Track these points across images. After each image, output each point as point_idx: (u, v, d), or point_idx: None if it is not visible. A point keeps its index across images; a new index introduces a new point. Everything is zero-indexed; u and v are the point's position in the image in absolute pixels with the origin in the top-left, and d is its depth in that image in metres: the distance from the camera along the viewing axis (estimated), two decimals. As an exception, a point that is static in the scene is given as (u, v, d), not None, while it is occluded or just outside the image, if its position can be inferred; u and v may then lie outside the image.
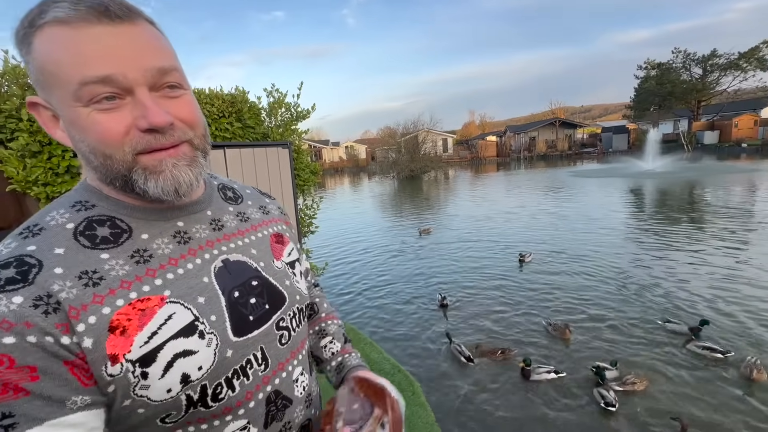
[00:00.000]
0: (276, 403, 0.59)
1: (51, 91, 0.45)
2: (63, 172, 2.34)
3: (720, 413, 2.63)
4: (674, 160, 21.88)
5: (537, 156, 38.09)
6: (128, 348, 0.44)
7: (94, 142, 0.46)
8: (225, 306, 0.53)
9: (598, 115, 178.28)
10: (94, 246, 0.47)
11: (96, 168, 0.48)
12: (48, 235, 0.46)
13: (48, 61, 0.43)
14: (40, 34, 0.43)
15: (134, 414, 0.46)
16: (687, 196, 11.40)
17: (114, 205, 0.51)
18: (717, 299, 4.37)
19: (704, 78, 34.70)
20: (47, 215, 0.49)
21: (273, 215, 0.73)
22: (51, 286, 0.42)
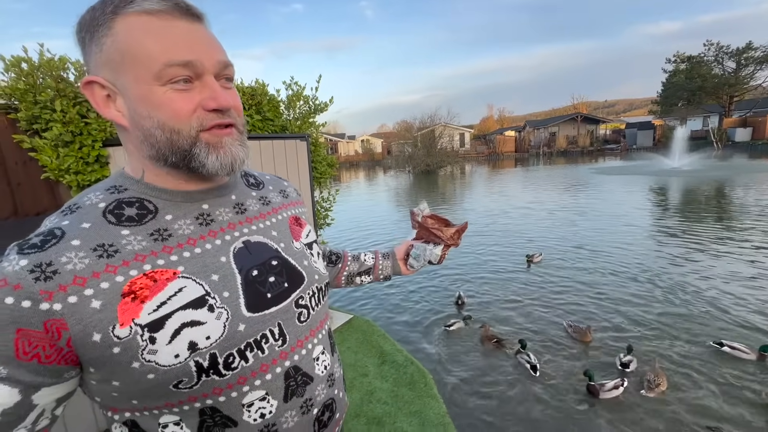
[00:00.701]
0: (296, 378, 0.61)
1: (125, 70, 0.50)
2: (93, 161, 2.44)
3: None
4: (702, 157, 21.04)
5: (557, 152, 37.25)
6: (137, 314, 0.48)
7: (166, 117, 0.51)
8: (240, 284, 0.57)
9: (623, 111, 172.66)
10: (118, 223, 0.52)
11: (156, 143, 0.52)
12: (81, 213, 0.52)
13: (132, 43, 0.49)
14: (124, 20, 0.49)
15: (144, 379, 0.49)
16: (715, 196, 10.97)
17: (145, 188, 0.56)
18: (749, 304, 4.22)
19: (738, 72, 33.05)
20: (85, 196, 0.55)
21: (291, 198, 0.77)
22: (59, 258, 0.47)
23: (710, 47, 34.13)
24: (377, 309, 4.77)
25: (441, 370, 3.26)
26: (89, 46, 0.51)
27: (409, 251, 1.02)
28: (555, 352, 3.50)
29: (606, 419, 2.62)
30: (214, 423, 0.55)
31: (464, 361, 3.39)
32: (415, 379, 2.69)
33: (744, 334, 3.59)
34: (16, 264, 0.45)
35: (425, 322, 4.28)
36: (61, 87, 2.29)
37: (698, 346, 3.43)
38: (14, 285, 0.44)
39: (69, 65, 2.40)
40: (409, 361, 2.92)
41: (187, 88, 0.51)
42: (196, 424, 0.55)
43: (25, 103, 2.25)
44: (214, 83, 0.53)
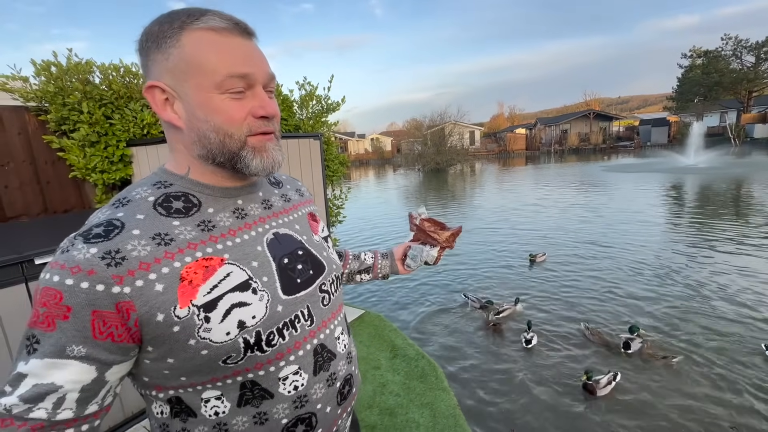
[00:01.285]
0: (322, 354, 0.69)
1: (189, 78, 0.56)
2: (117, 161, 2.55)
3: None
4: (719, 154, 20.55)
5: (569, 149, 36.78)
6: (194, 295, 0.55)
7: (221, 122, 0.58)
8: (275, 270, 0.64)
9: (637, 107, 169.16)
10: (168, 215, 0.58)
11: (209, 144, 0.59)
12: (133, 205, 0.57)
13: (198, 55, 0.56)
14: (191, 34, 0.56)
15: (198, 356, 0.55)
16: (733, 195, 10.74)
17: (189, 183, 0.62)
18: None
19: (757, 66, 32.19)
20: (133, 191, 0.60)
21: (306, 197, 0.85)
22: (125, 246, 0.52)
23: (728, 41, 33.29)
24: (388, 304, 4.83)
25: (451, 363, 3.31)
26: (154, 54, 0.58)
27: (406, 252, 1.08)
28: (564, 345, 3.52)
29: (607, 412, 2.64)
30: (253, 396, 0.62)
31: (473, 354, 3.44)
32: (426, 372, 2.74)
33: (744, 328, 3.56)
34: (87, 252, 0.50)
35: (434, 317, 4.33)
36: (88, 89, 2.40)
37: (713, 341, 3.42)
38: (88, 270, 0.49)
39: (95, 68, 2.50)
40: (420, 355, 2.97)
41: (241, 97, 0.58)
42: (236, 397, 0.61)
43: (55, 105, 2.37)
44: (263, 93, 0.60)
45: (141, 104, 2.59)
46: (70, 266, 0.49)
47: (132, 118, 2.54)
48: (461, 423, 2.26)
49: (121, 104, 2.54)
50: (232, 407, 0.61)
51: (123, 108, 2.54)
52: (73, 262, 0.49)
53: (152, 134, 2.64)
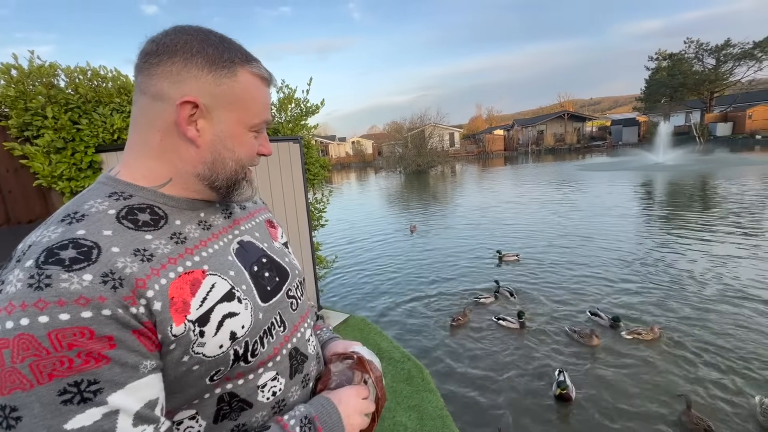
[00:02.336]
0: (297, 358, 0.70)
1: (233, 110, 0.60)
2: (86, 167, 2.44)
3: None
4: (686, 152, 21.53)
5: (545, 149, 37.73)
6: (188, 310, 0.53)
7: (243, 155, 0.63)
8: (249, 278, 0.64)
9: (608, 108, 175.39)
10: (137, 228, 0.54)
11: (222, 169, 0.62)
12: (92, 220, 0.51)
13: (248, 96, 0.61)
14: (246, 73, 0.60)
15: (189, 373, 0.54)
16: (699, 190, 11.26)
17: (152, 195, 0.58)
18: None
19: (717, 68, 33.88)
20: (84, 204, 0.54)
21: (259, 205, 0.84)
22: (115, 264, 0.48)
23: (690, 44, 34.92)
24: (371, 306, 4.81)
25: (437, 363, 3.32)
26: (200, 72, 0.56)
27: (332, 359, 0.80)
28: (552, 341, 3.59)
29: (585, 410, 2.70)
30: (231, 409, 0.59)
31: (461, 353, 3.46)
32: (413, 375, 2.74)
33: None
34: (80, 280, 0.44)
35: (421, 318, 4.33)
36: (53, 93, 2.29)
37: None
38: (98, 298, 0.45)
39: (59, 71, 2.39)
40: (406, 357, 2.96)
41: (257, 137, 0.65)
42: (212, 413, 0.58)
43: (16, 110, 2.24)
44: (266, 135, 0.68)
45: (110, 108, 2.48)
46: (71, 300, 0.43)
47: (101, 123, 2.43)
48: (449, 424, 2.26)
49: (89, 108, 2.43)
50: (208, 424, 0.59)
51: (91, 112, 2.43)
52: (70, 295, 0.43)
53: (123, 139, 2.53)
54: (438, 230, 8.74)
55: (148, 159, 0.59)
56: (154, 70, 0.56)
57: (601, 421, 2.59)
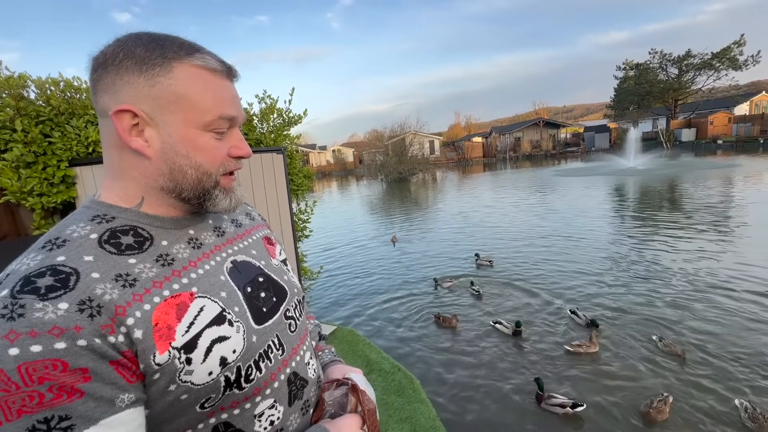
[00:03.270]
0: (296, 383, 0.65)
1: (176, 111, 0.54)
2: (58, 182, 2.33)
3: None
4: (654, 157, 22.52)
5: (522, 156, 38.67)
6: (173, 337, 0.50)
7: (204, 160, 0.57)
8: (243, 299, 0.60)
9: (580, 115, 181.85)
10: (120, 252, 0.52)
11: (183, 179, 0.56)
12: (73, 246, 0.49)
13: (191, 91, 0.54)
14: (184, 68, 0.54)
15: (177, 402, 0.51)
16: (668, 193, 11.77)
17: (134, 215, 0.56)
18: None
19: (680, 77, 35.78)
20: (66, 229, 0.52)
21: (257, 221, 0.80)
22: (93, 291, 0.46)
23: (655, 55, 36.78)
24: (359, 316, 4.76)
25: (427, 372, 3.30)
26: (131, 77, 0.52)
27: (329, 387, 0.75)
28: (548, 342, 3.63)
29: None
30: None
31: (446, 361, 3.46)
32: (404, 386, 2.71)
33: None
34: (55, 309, 0.42)
35: (407, 326, 4.32)
36: (22, 105, 2.19)
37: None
38: (73, 327, 0.42)
39: (29, 83, 2.29)
40: (396, 368, 2.93)
41: (221, 137, 0.58)
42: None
43: (-18, 123, 2.13)
44: (240, 134, 0.61)
45: (85, 120, 2.39)
46: (44, 330, 0.41)
47: (75, 136, 2.34)
48: (441, 434, 2.25)
49: (61, 121, 2.34)
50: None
51: (64, 125, 2.33)
52: (44, 325, 0.41)
53: (98, 153, 2.44)
54: (421, 236, 8.78)
55: (118, 179, 0.57)
56: (96, 86, 0.53)
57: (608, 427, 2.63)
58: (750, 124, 28.15)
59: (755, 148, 24.14)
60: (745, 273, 4.91)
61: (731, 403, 2.68)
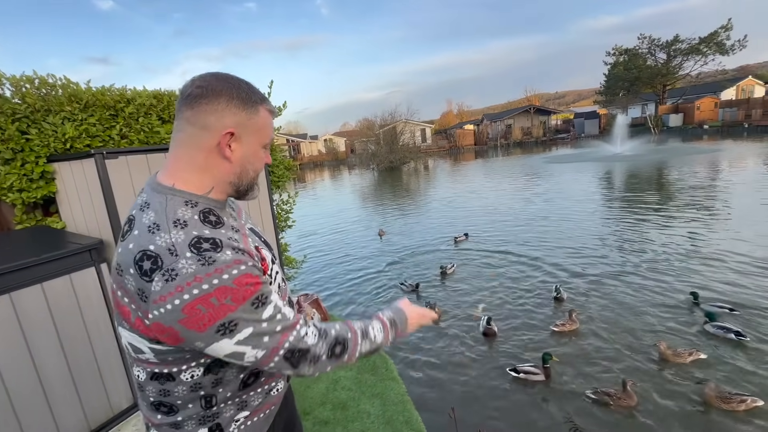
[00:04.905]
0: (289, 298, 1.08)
1: (257, 136, 0.82)
2: (37, 178, 2.41)
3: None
4: (642, 142, 22.79)
5: (513, 143, 38.82)
6: (266, 266, 0.87)
7: (258, 166, 0.86)
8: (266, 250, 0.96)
9: (572, 101, 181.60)
10: (214, 226, 0.77)
11: (245, 178, 0.85)
12: (192, 224, 0.74)
13: (264, 125, 0.83)
14: (264, 109, 0.83)
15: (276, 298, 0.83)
16: (655, 178, 12.01)
17: (206, 201, 0.80)
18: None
19: (668, 63, 35.94)
20: (177, 212, 0.75)
21: (242, 209, 1.04)
22: (231, 243, 0.74)
23: (644, 40, 36.83)
24: (338, 303, 4.92)
25: (402, 353, 3.48)
26: (237, 110, 0.78)
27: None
28: (513, 331, 3.82)
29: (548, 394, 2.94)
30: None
31: (421, 344, 3.63)
32: (378, 365, 2.88)
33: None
34: (226, 254, 0.71)
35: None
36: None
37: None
38: (241, 259, 0.72)
39: (4, 80, 2.35)
40: (372, 349, 3.10)
41: (265, 153, 0.88)
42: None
43: (-41, 121, 2.19)
44: (268, 150, 0.89)
45: (61, 117, 2.46)
46: (232, 262, 0.71)
47: (52, 132, 2.41)
48: (409, 408, 2.42)
49: (38, 118, 2.40)
50: None
51: (40, 122, 2.40)
52: (230, 261, 0.71)
53: (76, 148, 2.52)
54: (411, 225, 8.93)
55: (197, 173, 0.80)
56: (203, 108, 0.76)
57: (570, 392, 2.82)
58: (736, 109, 28.48)
59: (740, 132, 24.53)
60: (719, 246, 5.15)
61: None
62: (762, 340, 3.23)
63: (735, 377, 2.83)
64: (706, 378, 2.80)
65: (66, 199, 2.52)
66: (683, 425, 2.45)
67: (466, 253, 6.42)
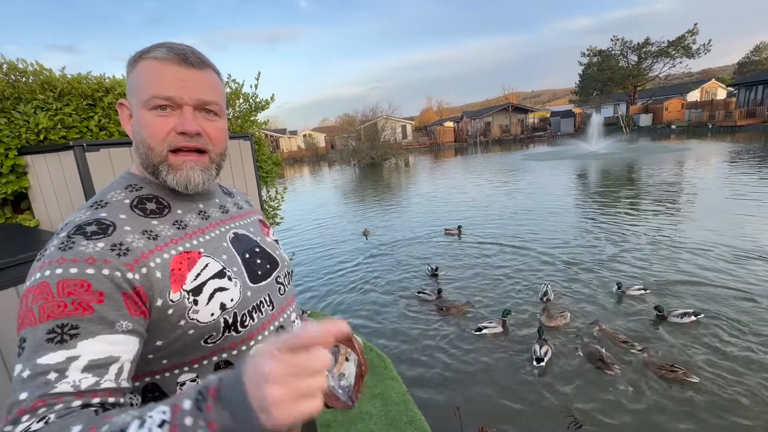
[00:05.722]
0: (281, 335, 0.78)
1: (132, 96, 0.67)
2: (7, 172, 2.21)
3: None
4: (615, 141, 23.60)
5: (492, 140, 39.42)
6: (184, 281, 0.64)
7: (146, 135, 0.67)
8: (241, 262, 0.75)
9: (548, 100, 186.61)
10: (146, 215, 0.67)
11: (141, 155, 0.69)
12: (112, 207, 0.65)
13: (139, 78, 0.66)
14: (142, 62, 0.67)
15: (186, 335, 0.63)
16: (627, 175, 12.46)
17: (156, 187, 0.71)
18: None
19: (639, 64, 37.37)
20: (108, 194, 0.68)
21: (253, 208, 0.96)
22: (125, 238, 0.60)
23: (616, 42, 38.11)
24: (328, 300, 4.83)
25: (397, 349, 3.44)
26: (127, 77, 0.69)
27: None
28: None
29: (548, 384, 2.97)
30: None
31: (418, 339, 3.61)
32: (375, 364, 2.82)
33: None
34: (94, 246, 0.56)
35: (377, 305, 4.44)
36: (-39, 91, 2.04)
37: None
38: (103, 260, 0.56)
39: (-32, 66, 2.13)
40: (367, 347, 3.04)
41: (167, 114, 0.66)
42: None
43: None
44: (188, 112, 0.67)
45: (33, 106, 2.26)
46: (82, 258, 0.55)
47: (23, 123, 2.21)
48: (411, 407, 2.38)
49: (7, 106, 2.20)
50: None
51: (10, 111, 2.20)
52: (84, 255, 0.55)
53: (50, 140, 2.32)
54: (395, 221, 8.89)
55: (136, 158, 0.72)
56: None
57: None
58: (700, 110, 29.93)
59: (705, 132, 25.79)
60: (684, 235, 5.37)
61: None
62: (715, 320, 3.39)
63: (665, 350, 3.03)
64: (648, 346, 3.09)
65: (40, 194, 2.32)
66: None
67: (457, 246, 6.45)
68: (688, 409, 2.53)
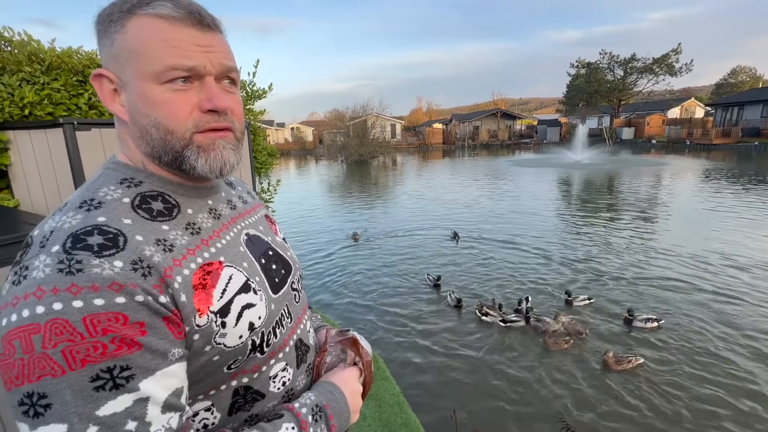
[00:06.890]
0: (301, 348, 0.70)
1: (129, 66, 0.51)
2: (-14, 149, 2.06)
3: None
4: (598, 152, 24.24)
5: (480, 144, 39.84)
6: (210, 302, 0.52)
7: (162, 117, 0.52)
8: (260, 270, 0.63)
9: (535, 108, 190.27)
10: (153, 218, 0.53)
11: (151, 141, 0.53)
12: (109, 208, 0.50)
13: (139, 42, 0.50)
14: (137, 20, 0.51)
15: (210, 363, 0.53)
16: (609, 185, 12.80)
17: (159, 181, 0.57)
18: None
19: (624, 79, 38.50)
20: (98, 191, 0.52)
21: (257, 200, 0.82)
22: (143, 252, 0.47)
23: (604, 56, 39.15)
24: (320, 300, 4.76)
25: (391, 349, 3.41)
26: (102, 39, 0.53)
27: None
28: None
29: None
30: (245, 401, 0.60)
31: (409, 337, 3.59)
32: (368, 365, 2.78)
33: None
34: (111, 267, 0.44)
35: (368, 304, 4.39)
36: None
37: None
38: (131, 284, 0.44)
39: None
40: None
41: (186, 88, 0.52)
42: (227, 405, 0.58)
43: None
44: (213, 84, 0.54)
45: (19, 78, 2.12)
46: (104, 285, 0.43)
47: (7, 96, 2.06)
48: (405, 409, 2.35)
49: (-11, 76, 2.05)
50: (223, 417, 0.58)
51: (-7, 81, 2.05)
52: (104, 281, 0.43)
53: (36, 115, 2.18)
54: (386, 223, 8.85)
55: (122, 144, 0.58)
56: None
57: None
58: (680, 127, 31.08)
59: (682, 149, 26.75)
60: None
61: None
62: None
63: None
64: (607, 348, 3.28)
65: (22, 173, 2.17)
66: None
67: (456, 248, 6.46)
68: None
